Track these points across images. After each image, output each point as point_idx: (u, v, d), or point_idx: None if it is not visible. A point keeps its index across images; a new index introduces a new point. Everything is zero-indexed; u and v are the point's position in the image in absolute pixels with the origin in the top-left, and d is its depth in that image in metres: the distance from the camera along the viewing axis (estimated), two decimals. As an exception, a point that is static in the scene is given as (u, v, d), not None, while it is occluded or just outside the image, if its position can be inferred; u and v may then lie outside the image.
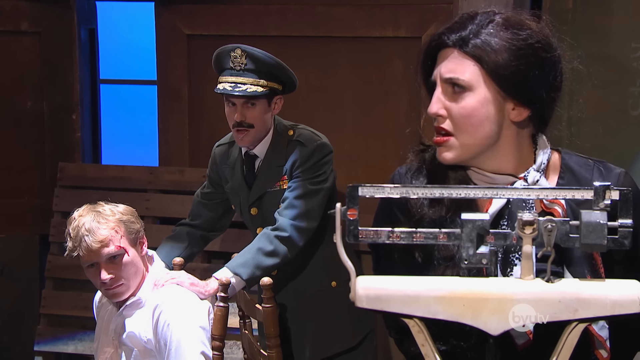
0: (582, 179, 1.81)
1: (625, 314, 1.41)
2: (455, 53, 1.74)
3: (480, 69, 1.72)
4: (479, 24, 1.73)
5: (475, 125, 1.73)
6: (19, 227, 4.60)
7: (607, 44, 3.90)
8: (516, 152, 1.79)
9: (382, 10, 4.15)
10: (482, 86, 1.72)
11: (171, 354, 2.70)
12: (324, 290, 3.37)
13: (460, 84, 1.72)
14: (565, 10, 3.87)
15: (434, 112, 1.75)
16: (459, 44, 1.73)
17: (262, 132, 3.25)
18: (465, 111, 1.73)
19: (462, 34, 1.73)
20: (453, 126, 1.74)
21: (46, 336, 4.45)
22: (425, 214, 1.76)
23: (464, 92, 1.72)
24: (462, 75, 1.72)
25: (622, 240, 1.42)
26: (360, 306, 1.45)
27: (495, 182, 1.78)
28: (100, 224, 2.74)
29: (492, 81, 1.72)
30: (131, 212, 2.85)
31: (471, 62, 1.72)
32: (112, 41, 5.30)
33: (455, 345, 1.71)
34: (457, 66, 1.73)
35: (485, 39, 1.71)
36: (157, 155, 4.56)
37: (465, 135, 1.74)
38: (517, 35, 1.72)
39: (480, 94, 1.72)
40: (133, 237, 2.80)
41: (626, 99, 3.88)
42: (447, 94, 1.75)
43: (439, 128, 1.76)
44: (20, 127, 4.59)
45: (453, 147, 1.76)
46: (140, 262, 2.84)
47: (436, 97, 1.75)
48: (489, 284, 1.44)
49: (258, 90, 3.16)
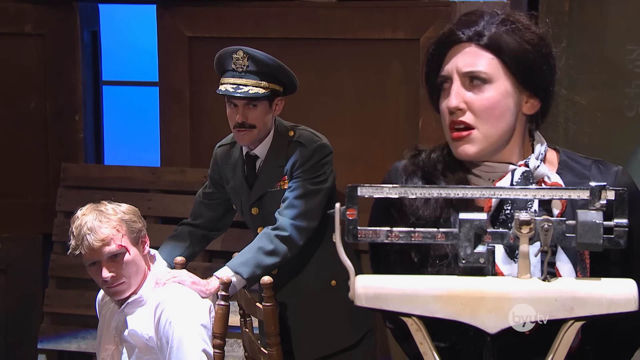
0: (580, 175, 1.83)
1: (621, 312, 1.42)
2: (473, 47, 1.75)
3: (499, 62, 1.74)
4: (490, 20, 1.76)
5: (497, 117, 1.74)
6: (23, 227, 4.61)
7: (603, 46, 3.90)
8: (521, 145, 1.82)
9: (381, 12, 4.16)
10: (502, 78, 1.74)
11: (173, 351, 2.71)
12: (323, 289, 3.37)
13: (482, 77, 1.73)
14: (561, 12, 3.87)
15: (455, 105, 1.74)
16: (475, 38, 1.75)
17: (263, 132, 3.27)
18: (489, 102, 1.74)
19: (477, 28, 1.75)
20: (475, 119, 1.75)
21: (49, 334, 4.45)
22: (420, 214, 1.78)
23: (484, 85, 1.74)
24: (483, 67, 1.74)
25: (617, 239, 1.44)
26: (360, 305, 1.46)
27: (495, 170, 1.79)
28: (102, 223, 2.75)
29: (510, 73, 1.74)
30: (134, 211, 2.87)
31: (489, 54, 1.74)
32: (115, 43, 5.31)
33: (454, 343, 1.73)
34: (475, 59, 1.74)
35: (500, 33, 1.74)
36: (159, 156, 4.57)
37: (488, 127, 1.75)
38: (528, 29, 1.75)
39: (501, 85, 1.74)
40: (135, 236, 2.82)
41: (622, 100, 3.87)
42: (465, 87, 1.75)
43: (458, 122, 1.75)
44: (24, 127, 4.60)
45: (476, 140, 1.76)
46: (141, 261, 2.85)
47: (455, 91, 1.75)
48: (487, 283, 1.45)
49: (259, 92, 3.18)
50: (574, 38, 3.86)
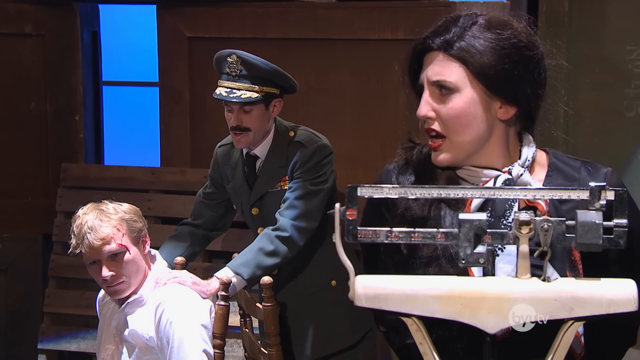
0: (570, 177, 1.83)
1: (621, 312, 1.42)
2: (441, 56, 1.77)
3: (465, 70, 1.75)
4: (462, 27, 1.77)
5: (464, 125, 1.77)
6: (23, 227, 4.61)
7: (603, 46, 3.91)
8: (504, 149, 1.82)
9: (380, 13, 4.17)
10: (468, 87, 1.75)
11: (173, 351, 2.71)
12: (324, 289, 3.37)
13: (448, 86, 1.76)
14: (561, 12, 3.88)
15: (423, 114, 1.79)
16: (444, 47, 1.76)
17: (259, 134, 3.26)
18: (454, 112, 1.76)
19: (447, 37, 1.77)
20: (443, 127, 1.78)
21: (49, 334, 4.45)
22: (408, 209, 1.80)
23: (451, 94, 1.76)
24: (448, 77, 1.76)
25: (617, 239, 1.44)
26: (359, 305, 1.46)
27: (479, 175, 1.81)
28: (103, 222, 2.76)
29: (477, 81, 1.75)
30: (135, 211, 2.87)
31: (456, 64, 1.75)
32: (115, 43, 5.31)
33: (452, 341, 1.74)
34: (443, 69, 1.76)
35: (469, 41, 1.75)
36: (159, 156, 4.58)
37: (456, 136, 1.78)
38: (499, 35, 1.75)
39: (467, 94, 1.76)
40: (135, 236, 2.82)
41: (621, 100, 3.88)
42: (434, 96, 1.78)
43: (429, 129, 1.80)
44: (24, 128, 4.60)
45: (447, 149, 1.79)
46: (142, 261, 2.85)
47: (424, 99, 1.79)
48: (486, 283, 1.45)
49: (252, 97, 3.16)
50: (574, 38, 3.87)
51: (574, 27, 3.88)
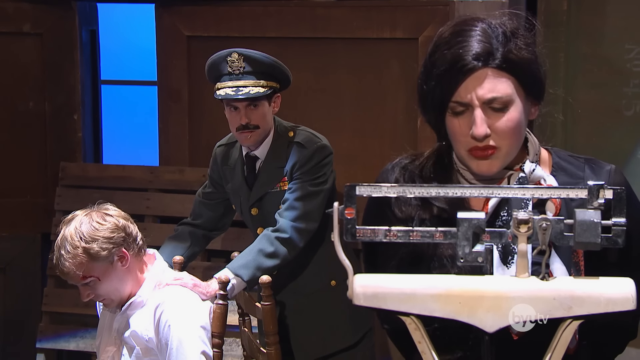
0: (574, 176, 1.83)
1: (619, 311, 1.42)
2: (489, 72, 1.73)
3: (514, 81, 1.74)
4: (498, 39, 1.74)
5: (518, 134, 1.77)
6: (21, 226, 4.61)
7: (601, 45, 3.91)
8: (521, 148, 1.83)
9: (379, 11, 4.17)
10: (516, 96, 1.75)
11: (172, 353, 2.71)
12: (323, 289, 3.38)
13: (504, 101, 1.73)
14: (560, 11, 3.88)
15: (484, 133, 1.73)
16: (490, 61, 1.73)
17: (266, 131, 3.27)
18: (512, 123, 1.74)
19: (489, 52, 1.73)
20: (498, 139, 1.75)
21: (48, 333, 4.45)
22: (416, 214, 1.79)
23: (507, 107, 1.74)
24: (504, 92, 1.73)
25: (615, 238, 1.44)
26: (358, 304, 1.46)
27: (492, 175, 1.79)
28: (66, 255, 2.69)
29: (523, 89, 1.75)
30: (112, 228, 2.73)
31: (506, 76, 1.74)
32: (113, 42, 5.32)
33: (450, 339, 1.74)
34: (496, 85, 1.73)
35: (509, 50, 1.73)
36: (158, 155, 4.57)
37: (510, 145, 1.76)
38: (527, 40, 1.76)
39: (518, 104, 1.75)
40: (104, 260, 2.72)
41: (620, 99, 3.88)
42: (487, 112, 1.74)
43: (486, 147, 1.75)
44: (23, 127, 4.60)
45: (499, 157, 1.76)
46: (125, 274, 2.79)
47: (480, 118, 1.73)
48: (485, 282, 1.45)
49: (261, 91, 3.18)
50: (572, 37, 3.87)
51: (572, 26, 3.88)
